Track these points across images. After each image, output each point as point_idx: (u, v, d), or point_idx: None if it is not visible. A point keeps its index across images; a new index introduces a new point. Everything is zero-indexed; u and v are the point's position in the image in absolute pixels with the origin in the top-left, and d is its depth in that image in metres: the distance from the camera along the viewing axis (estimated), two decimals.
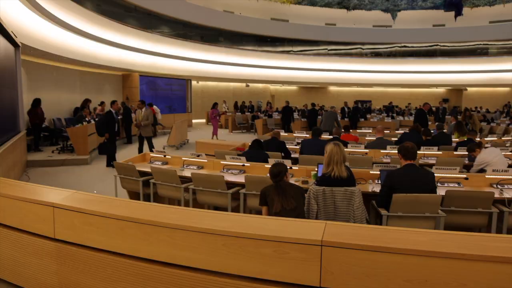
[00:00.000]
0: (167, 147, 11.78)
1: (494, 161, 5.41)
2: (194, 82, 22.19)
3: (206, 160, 5.58)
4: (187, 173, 5.08)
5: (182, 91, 20.43)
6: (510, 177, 4.63)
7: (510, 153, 7.01)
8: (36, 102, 9.94)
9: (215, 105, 14.07)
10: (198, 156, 5.63)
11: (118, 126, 9.46)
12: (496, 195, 4.09)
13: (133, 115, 11.71)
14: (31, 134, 9.99)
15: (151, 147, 8.83)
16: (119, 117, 10.72)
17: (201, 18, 19.32)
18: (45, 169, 8.49)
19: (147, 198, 5.28)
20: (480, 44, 23.40)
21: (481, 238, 2.08)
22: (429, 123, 11.72)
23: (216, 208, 4.75)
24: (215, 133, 13.82)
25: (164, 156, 5.96)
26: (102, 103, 13.05)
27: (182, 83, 20.37)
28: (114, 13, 15.24)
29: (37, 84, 11.52)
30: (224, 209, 4.59)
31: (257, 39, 23.09)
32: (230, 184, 4.68)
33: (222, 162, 5.43)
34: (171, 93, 19.55)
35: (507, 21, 21.92)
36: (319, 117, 14.62)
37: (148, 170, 5.17)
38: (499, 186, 4.50)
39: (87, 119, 10.48)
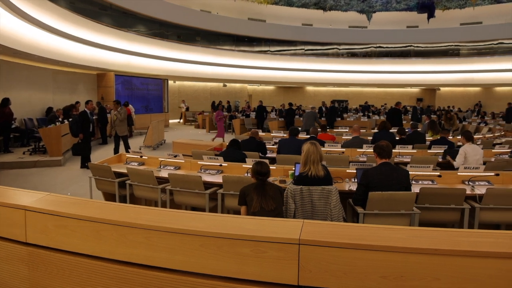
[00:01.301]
0: (143, 148, 11.62)
1: (471, 160, 5.66)
2: (171, 82, 21.99)
3: (183, 161, 5.53)
4: (164, 173, 5.03)
5: (158, 91, 20.20)
6: (481, 174, 4.80)
7: (482, 150, 7.24)
8: (4, 102, 9.62)
9: (218, 106, 14.00)
10: (175, 156, 5.58)
11: (93, 126, 9.27)
12: (468, 192, 4.22)
13: (108, 115, 11.51)
14: (0, 135, 9.66)
15: (127, 148, 8.70)
16: (94, 117, 10.51)
17: (178, 17, 19.14)
18: (16, 171, 8.23)
19: (123, 200, 5.20)
20: (452, 45, 24.10)
21: (453, 234, 2.13)
22: (404, 122, 11.99)
23: (194, 208, 4.73)
24: (221, 135, 13.34)
25: (141, 156, 5.88)
26: (77, 103, 12.76)
27: (158, 82, 20.14)
28: (89, 11, 14.91)
29: (7, 84, 11.16)
30: (202, 209, 4.57)
31: (234, 39, 23.06)
32: (208, 185, 4.66)
33: (199, 162, 5.40)
34: (147, 92, 19.30)
35: (477, 23, 22.73)
36: (297, 116, 14.73)
37: (124, 171, 5.09)
38: (470, 183, 4.65)
39: (60, 119, 10.22)
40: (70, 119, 10.17)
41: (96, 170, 5.25)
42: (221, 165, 5.19)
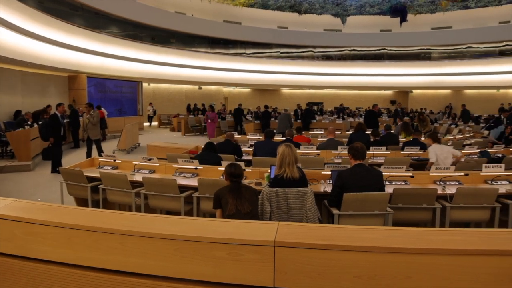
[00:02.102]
0: (117, 151, 11.40)
1: (441, 158, 5.92)
2: (145, 84, 21.67)
3: (158, 164, 5.46)
4: (138, 177, 4.96)
5: (132, 93, 19.88)
6: (451, 174, 4.94)
7: (450, 149, 7.47)
8: None
9: (212, 108, 14.19)
10: (150, 160, 5.51)
11: (64, 129, 9.03)
12: (439, 192, 4.34)
13: (80, 118, 11.24)
14: None
15: (100, 151, 8.52)
16: (65, 121, 10.24)
17: (152, 19, 18.92)
18: None
19: (96, 205, 5.08)
20: (424, 49, 24.80)
21: (425, 232, 2.18)
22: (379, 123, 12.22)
23: (169, 212, 4.67)
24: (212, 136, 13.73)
25: (114, 160, 5.77)
26: (48, 107, 12.39)
27: (132, 85, 19.83)
28: (59, 11, 14.53)
29: None
30: (177, 213, 4.53)
31: (209, 41, 22.98)
32: (183, 188, 4.62)
33: (174, 165, 5.34)
34: (121, 95, 18.97)
35: (447, 28, 23.50)
36: (272, 119, 14.82)
37: (97, 175, 4.98)
38: (441, 183, 4.78)
39: (29, 122, 9.91)
40: (40, 123, 9.87)
41: (68, 175, 5.12)
42: (196, 168, 5.15)
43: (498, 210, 4.26)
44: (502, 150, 7.85)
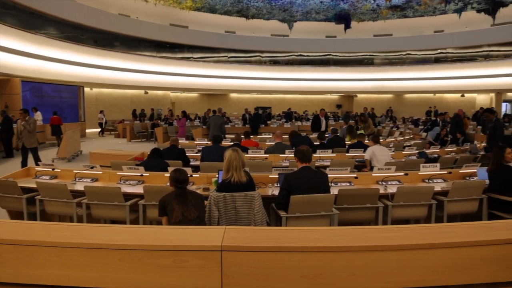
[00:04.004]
0: (57, 160, 10.80)
1: (380, 158, 6.29)
2: (87, 89, 20.74)
3: (101, 172, 5.24)
4: (79, 186, 4.72)
5: (73, 99, 18.96)
6: (392, 174, 5.20)
7: (393, 153, 7.88)
8: None
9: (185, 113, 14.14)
10: (92, 168, 5.27)
11: None
12: (381, 191, 4.55)
13: (14, 125, 10.52)
14: None
15: (36, 160, 8.02)
16: None
17: (94, 20, 18.11)
18: None
19: (33, 217, 4.76)
20: (367, 55, 25.94)
21: (366, 231, 2.28)
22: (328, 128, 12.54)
23: (114, 222, 4.49)
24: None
25: (52, 169, 5.45)
26: None
27: (73, 89, 18.90)
28: None
29: None
30: (123, 222, 4.36)
31: (155, 45, 22.49)
32: (128, 196, 4.47)
33: (118, 173, 5.16)
34: (60, 100, 17.99)
35: (388, 35, 24.84)
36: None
37: (34, 185, 4.68)
38: (383, 183, 5.01)
39: None
40: None
41: None
42: (142, 175, 5.01)
43: (434, 207, 4.54)
44: (438, 150, 8.41)
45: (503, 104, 24.71)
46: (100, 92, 22.24)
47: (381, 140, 10.66)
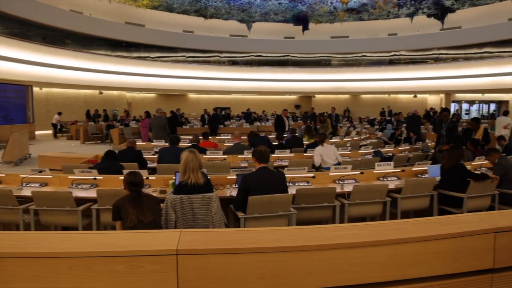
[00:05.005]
0: (2, 164, 10.18)
1: (326, 154, 6.52)
2: (36, 89, 19.68)
3: (50, 176, 4.99)
4: (26, 192, 4.47)
5: (21, 99, 17.91)
6: (349, 173, 5.33)
7: (350, 152, 8.09)
8: None
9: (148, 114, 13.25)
10: (41, 172, 5.01)
11: None
12: (338, 190, 4.65)
13: None
14: None
15: None
16: None
17: (42, 16, 17.14)
18: None
19: None
20: (324, 56, 26.49)
21: (323, 229, 2.30)
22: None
23: (66, 228, 4.29)
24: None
25: None
26: None
27: (20, 89, 17.85)
28: None
29: None
30: (75, 228, 4.17)
31: (110, 43, 21.79)
32: (81, 200, 4.28)
33: (70, 177, 4.93)
34: (6, 100, 16.95)
35: (344, 37, 25.47)
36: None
37: None
38: (340, 182, 5.13)
39: None
40: None
41: None
42: (95, 178, 4.82)
43: (388, 204, 4.70)
44: (392, 149, 8.72)
45: (452, 105, 26.08)
46: (51, 92, 21.19)
47: (338, 140, 11.00)
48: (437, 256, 2.04)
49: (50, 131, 19.43)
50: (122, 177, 4.70)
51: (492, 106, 26.30)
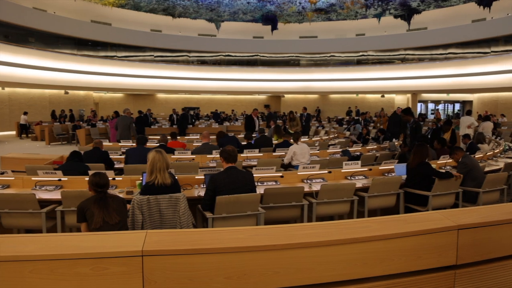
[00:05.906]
0: None
1: (300, 153, 6.60)
2: None
3: (13, 178, 4.83)
4: None
5: None
6: (317, 172, 5.41)
7: (318, 151, 8.21)
8: None
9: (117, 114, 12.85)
10: (2, 173, 4.85)
11: None
12: (306, 189, 4.71)
13: None
14: None
15: None
16: None
17: (3, 13, 16.42)
18: None
19: None
20: (293, 56, 26.68)
21: (289, 229, 2.32)
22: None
23: (29, 231, 4.18)
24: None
25: None
26: None
27: None
28: None
29: None
30: (39, 231, 4.07)
31: (76, 42, 21.18)
32: (45, 202, 4.18)
33: (33, 178, 4.79)
34: None
35: (313, 37, 25.77)
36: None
37: None
38: (308, 181, 5.20)
39: None
40: None
41: None
42: (60, 179, 4.71)
43: (356, 203, 4.79)
44: (360, 148, 8.90)
45: (418, 104, 26.89)
46: (14, 92, 20.38)
47: (307, 139, 11.15)
48: (401, 254, 2.10)
49: (14, 132, 18.69)
50: (87, 178, 4.63)
51: (457, 106, 27.19)
